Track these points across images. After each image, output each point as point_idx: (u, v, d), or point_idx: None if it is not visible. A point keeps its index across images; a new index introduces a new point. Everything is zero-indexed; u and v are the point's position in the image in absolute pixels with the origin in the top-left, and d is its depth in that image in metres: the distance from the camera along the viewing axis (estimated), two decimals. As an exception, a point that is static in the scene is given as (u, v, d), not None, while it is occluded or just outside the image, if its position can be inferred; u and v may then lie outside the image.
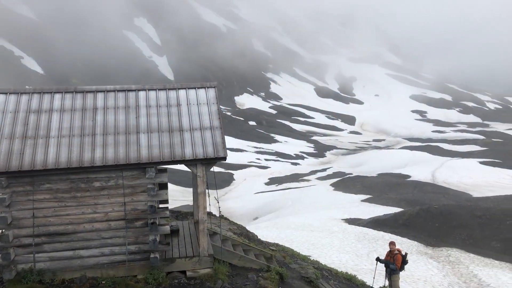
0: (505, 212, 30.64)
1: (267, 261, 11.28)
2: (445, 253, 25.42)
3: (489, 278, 20.82)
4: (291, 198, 47.92)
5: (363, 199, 43.21)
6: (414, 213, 32.00)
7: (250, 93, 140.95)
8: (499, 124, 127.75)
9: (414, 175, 56.24)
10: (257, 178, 65.92)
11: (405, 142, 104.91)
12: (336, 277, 12.99)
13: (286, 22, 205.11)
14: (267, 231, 28.88)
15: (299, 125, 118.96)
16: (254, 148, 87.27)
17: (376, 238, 27.23)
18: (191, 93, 10.95)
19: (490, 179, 53.93)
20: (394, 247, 12.55)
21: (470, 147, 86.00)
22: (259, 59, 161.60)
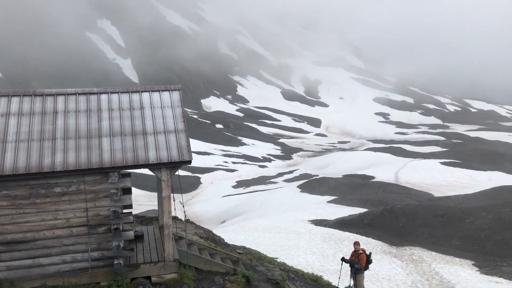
0: (465, 211, 31.73)
1: (233, 264, 11.25)
2: (409, 252, 26.06)
3: (450, 275, 21.47)
4: (258, 200, 48.01)
5: (329, 200, 43.77)
6: (378, 213, 32.68)
7: (217, 96, 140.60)
8: (458, 126, 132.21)
9: (378, 176, 57.37)
10: (224, 181, 65.75)
11: (369, 143, 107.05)
12: (302, 278, 13.09)
13: (251, 25, 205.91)
14: (235, 234, 28.82)
15: (266, 127, 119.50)
16: (221, 151, 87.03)
17: (342, 238, 27.64)
18: (155, 96, 10.81)
19: (450, 179, 55.63)
20: (359, 247, 12.77)
21: (432, 148, 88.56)
22: (225, 62, 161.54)
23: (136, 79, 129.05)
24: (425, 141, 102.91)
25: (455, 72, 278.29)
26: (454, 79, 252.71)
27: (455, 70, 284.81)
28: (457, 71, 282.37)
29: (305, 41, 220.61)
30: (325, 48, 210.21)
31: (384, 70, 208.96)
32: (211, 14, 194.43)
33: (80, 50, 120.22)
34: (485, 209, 31.10)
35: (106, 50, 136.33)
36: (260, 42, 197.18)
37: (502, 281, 21.02)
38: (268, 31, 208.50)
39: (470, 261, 24.71)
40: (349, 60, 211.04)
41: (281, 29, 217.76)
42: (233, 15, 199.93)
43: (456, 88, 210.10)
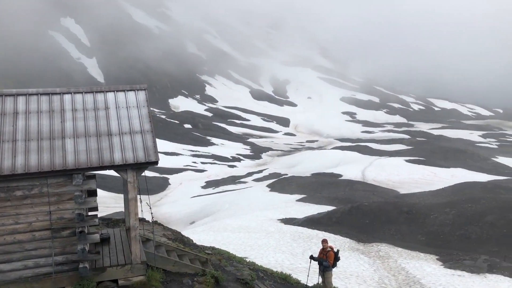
0: (429, 207, 32.61)
1: (202, 265, 11.19)
2: (376, 249, 26.57)
3: (416, 270, 22.02)
4: (228, 200, 47.93)
5: (298, 199, 44.14)
6: (346, 211, 33.20)
7: (185, 95, 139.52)
8: (422, 124, 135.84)
9: (345, 174, 58.30)
10: (193, 181, 65.33)
11: (336, 142, 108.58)
12: (271, 277, 13.15)
13: (219, 24, 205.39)
14: (204, 234, 28.67)
15: (235, 127, 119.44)
16: (190, 151, 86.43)
17: (311, 236, 27.91)
18: (120, 96, 10.61)
19: (415, 176, 57.13)
20: (327, 244, 12.92)
21: (397, 146, 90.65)
22: (193, 62, 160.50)
23: (101, 79, 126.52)
24: (390, 140, 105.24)
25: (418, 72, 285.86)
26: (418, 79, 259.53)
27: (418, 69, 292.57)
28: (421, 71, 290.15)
29: (273, 41, 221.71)
30: (293, 48, 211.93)
31: (350, 70, 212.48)
32: (178, 13, 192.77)
33: (42, 49, 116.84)
34: (448, 205, 32.06)
35: (70, 49, 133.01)
36: (228, 42, 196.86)
37: (464, 274, 21.73)
38: (236, 31, 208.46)
39: (435, 255, 25.41)
40: (317, 60, 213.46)
41: (248, 28, 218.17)
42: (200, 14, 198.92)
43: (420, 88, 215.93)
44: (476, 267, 22.58)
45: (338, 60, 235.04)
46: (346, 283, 18.86)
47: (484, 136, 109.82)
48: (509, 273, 21.99)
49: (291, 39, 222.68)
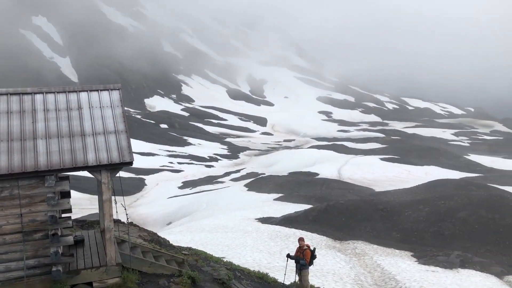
0: (404, 205, 33.20)
1: (178, 266, 11.12)
2: (352, 246, 26.89)
3: (391, 267, 22.39)
4: (205, 200, 47.74)
5: (276, 198, 44.30)
6: (323, 209, 33.49)
7: (161, 95, 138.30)
8: (396, 123, 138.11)
9: (322, 172, 58.81)
10: (170, 182, 64.82)
11: (313, 141, 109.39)
12: (248, 276, 13.17)
13: (195, 23, 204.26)
14: (181, 235, 28.49)
15: (212, 127, 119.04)
16: (167, 151, 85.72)
17: (288, 235, 28.05)
18: (93, 96, 10.44)
19: (390, 174, 58.07)
20: (303, 243, 13.01)
21: (372, 145, 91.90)
22: (170, 61, 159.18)
23: (75, 78, 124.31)
24: (365, 138, 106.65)
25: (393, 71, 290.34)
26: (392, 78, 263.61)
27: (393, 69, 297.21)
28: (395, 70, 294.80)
29: (249, 41, 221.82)
30: (269, 47, 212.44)
31: (325, 70, 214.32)
32: (153, 12, 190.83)
33: (13, 48, 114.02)
34: (422, 202, 32.69)
35: (43, 48, 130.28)
36: (204, 41, 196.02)
37: (438, 269, 22.20)
38: (212, 30, 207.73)
39: (409, 252, 25.88)
40: (293, 60, 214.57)
41: (224, 28, 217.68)
42: (176, 13, 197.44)
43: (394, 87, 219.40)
44: (449, 263, 23.10)
45: (314, 59, 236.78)
46: (323, 281, 19.03)
47: (456, 135, 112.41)
48: (480, 267, 22.59)
49: (267, 38, 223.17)
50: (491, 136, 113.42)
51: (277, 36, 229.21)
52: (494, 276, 21.61)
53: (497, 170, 62.40)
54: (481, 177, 54.14)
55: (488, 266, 22.77)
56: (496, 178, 52.20)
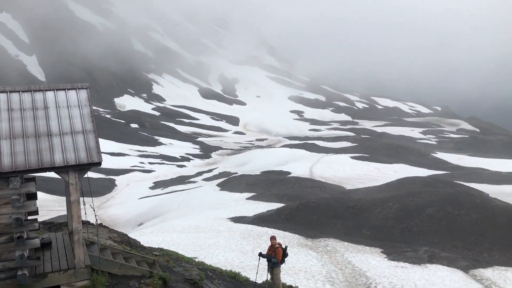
0: (374, 202, 33.80)
1: (149, 267, 11.00)
2: (323, 244, 27.19)
3: (361, 263, 22.76)
4: (177, 201, 47.35)
5: (248, 197, 44.34)
6: (295, 208, 33.75)
7: (131, 94, 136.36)
8: (366, 122, 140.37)
9: (294, 171, 59.24)
10: (141, 182, 64.01)
11: (285, 140, 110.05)
12: (220, 276, 13.15)
13: (165, 22, 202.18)
14: (153, 236, 28.18)
15: (184, 126, 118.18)
16: (137, 151, 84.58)
17: (261, 234, 28.14)
18: (60, 95, 10.20)
19: (360, 172, 59.01)
20: (275, 241, 13.08)
21: (343, 144, 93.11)
22: (140, 60, 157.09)
23: (42, 77, 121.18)
24: (336, 137, 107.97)
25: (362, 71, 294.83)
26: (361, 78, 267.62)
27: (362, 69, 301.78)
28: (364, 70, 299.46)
29: (220, 39, 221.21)
30: (241, 46, 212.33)
31: (296, 69, 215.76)
32: (122, 9, 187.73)
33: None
34: (391, 199, 33.37)
35: (7, 45, 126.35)
36: (175, 39, 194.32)
37: (407, 265, 22.70)
38: (183, 28, 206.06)
39: (379, 248, 26.37)
40: (264, 59, 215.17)
41: (195, 26, 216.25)
42: (146, 11, 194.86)
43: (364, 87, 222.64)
44: (417, 258, 23.66)
45: (285, 59, 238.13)
46: (295, 279, 19.17)
47: (424, 133, 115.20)
48: (447, 262, 23.22)
49: (238, 37, 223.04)
50: (457, 134, 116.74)
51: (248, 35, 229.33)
52: (460, 270, 22.25)
53: (463, 168, 64.28)
54: (447, 174, 55.65)
55: (454, 261, 23.42)
56: (462, 175, 53.76)
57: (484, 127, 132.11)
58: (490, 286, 20.09)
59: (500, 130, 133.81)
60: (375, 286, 19.31)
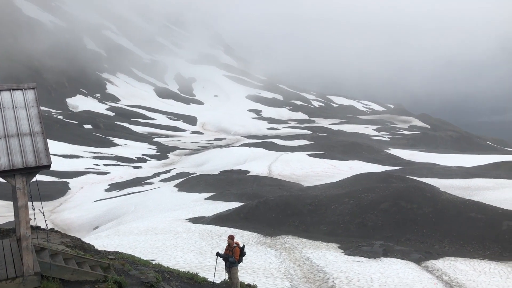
0: (330, 198, 34.43)
1: (104, 271, 10.71)
2: (282, 241, 27.44)
3: (319, 259, 23.13)
4: (134, 203, 46.44)
5: (207, 197, 44.12)
6: (253, 206, 33.88)
7: (84, 94, 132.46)
8: (323, 120, 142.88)
9: (253, 170, 59.45)
10: (96, 185, 62.31)
11: (243, 139, 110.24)
12: (178, 277, 12.99)
13: (118, 20, 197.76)
14: (109, 239, 27.52)
15: (140, 127, 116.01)
16: (91, 153, 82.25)
17: (220, 234, 28.06)
18: (5, 96, 9.74)
19: (317, 169, 59.97)
20: (232, 241, 13.08)
21: (300, 142, 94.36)
22: (93, 59, 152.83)
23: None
24: (294, 135, 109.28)
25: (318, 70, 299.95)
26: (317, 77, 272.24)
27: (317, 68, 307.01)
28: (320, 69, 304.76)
29: (176, 38, 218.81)
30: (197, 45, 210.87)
31: (253, 68, 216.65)
32: (73, 7, 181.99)
33: None
34: (347, 195, 34.11)
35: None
36: (129, 38, 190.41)
37: (362, 259, 23.27)
38: (137, 27, 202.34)
39: (336, 244, 26.89)
40: (221, 58, 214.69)
41: (149, 24, 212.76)
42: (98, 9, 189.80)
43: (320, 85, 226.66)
44: (373, 252, 24.30)
45: (242, 58, 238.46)
46: (254, 277, 19.24)
47: (377, 130, 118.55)
48: (401, 255, 23.98)
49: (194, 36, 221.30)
50: (409, 131, 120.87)
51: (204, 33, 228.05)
52: (413, 262, 23.04)
53: (415, 163, 66.61)
54: (400, 170, 57.49)
55: (408, 254, 24.22)
56: (414, 170, 55.68)
57: (435, 123, 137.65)
58: (441, 276, 20.91)
59: (449, 126, 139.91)
60: (333, 281, 19.68)
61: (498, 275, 21.39)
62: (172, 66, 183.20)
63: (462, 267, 22.36)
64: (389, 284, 19.21)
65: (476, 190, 42.25)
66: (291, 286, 18.85)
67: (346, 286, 18.95)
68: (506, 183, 44.38)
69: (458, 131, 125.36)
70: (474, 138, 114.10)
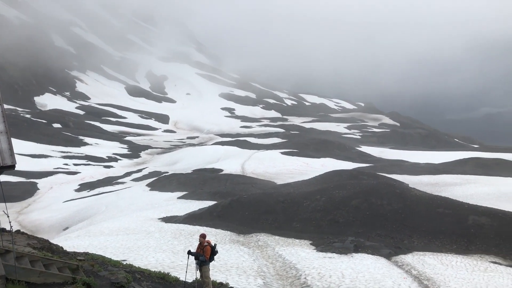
0: (303, 195, 34.70)
1: (72, 272, 10.52)
2: (255, 239, 27.54)
3: (291, 256, 23.31)
4: (105, 203, 45.71)
5: (180, 196, 43.83)
6: (227, 205, 33.85)
7: (53, 93, 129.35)
8: (295, 118, 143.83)
9: (226, 168, 59.37)
10: (66, 185, 61.02)
11: (217, 138, 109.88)
12: (149, 277, 12.88)
13: (88, 17, 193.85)
14: (79, 240, 27.01)
15: (111, 125, 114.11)
16: (61, 152, 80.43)
17: (192, 233, 27.94)
18: (-34, 94, 9.43)
19: (290, 167, 60.39)
20: (204, 239, 13.05)
21: (273, 140, 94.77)
22: (62, 56, 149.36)
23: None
24: (267, 133, 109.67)
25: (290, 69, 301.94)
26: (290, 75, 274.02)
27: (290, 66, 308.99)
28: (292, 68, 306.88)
29: (147, 36, 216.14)
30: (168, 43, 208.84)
31: (226, 66, 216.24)
32: (41, 3, 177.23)
33: None
34: (319, 192, 34.45)
35: None
36: (99, 35, 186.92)
37: (334, 255, 23.58)
38: (107, 24, 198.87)
39: (308, 241, 27.15)
40: (194, 56, 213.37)
41: (119, 21, 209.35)
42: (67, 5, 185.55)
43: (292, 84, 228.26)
44: (344, 248, 24.66)
45: (214, 56, 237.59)
46: (226, 276, 19.25)
47: (349, 128, 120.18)
48: (371, 251, 24.42)
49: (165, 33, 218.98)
50: (379, 128, 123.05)
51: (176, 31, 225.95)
52: (383, 258, 23.49)
53: (385, 160, 67.90)
54: (371, 167, 58.49)
55: (378, 249, 24.68)
56: (384, 167, 56.74)
57: (404, 121, 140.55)
58: (410, 271, 21.40)
59: (418, 124, 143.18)
60: (305, 277, 19.88)
61: (464, 268, 22.05)
62: (143, 64, 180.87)
63: (430, 261, 22.94)
64: (360, 280, 19.53)
65: (444, 186, 43.41)
66: (264, 283, 18.94)
67: (318, 283, 19.17)
68: (472, 179, 45.76)
69: (426, 128, 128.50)
70: (442, 135, 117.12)
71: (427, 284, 19.56)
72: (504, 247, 25.20)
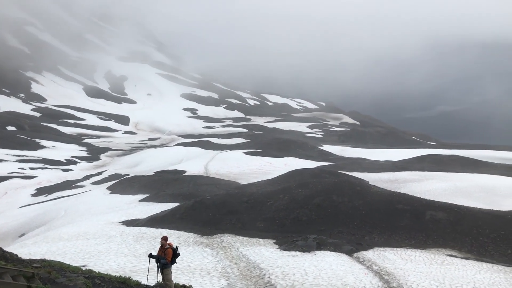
0: (266, 195, 34.87)
1: (28, 280, 10.14)
2: (219, 240, 27.44)
3: (255, 256, 23.37)
4: (63, 207, 44.37)
5: (141, 199, 43.10)
6: (190, 206, 33.55)
7: (7, 94, 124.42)
8: (258, 118, 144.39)
9: (189, 169, 58.87)
10: (21, 190, 58.82)
11: (179, 139, 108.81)
12: (109, 282, 12.58)
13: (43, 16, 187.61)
14: (36, 247, 26.07)
15: (69, 127, 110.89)
16: (16, 156, 77.43)
17: (155, 235, 27.51)
18: None
19: (254, 167, 60.56)
20: (166, 241, 12.87)
21: (236, 140, 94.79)
22: (15, 56, 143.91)
23: None
24: (230, 134, 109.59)
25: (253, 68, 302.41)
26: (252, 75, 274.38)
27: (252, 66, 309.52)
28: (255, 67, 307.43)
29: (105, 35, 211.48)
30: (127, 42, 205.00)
31: (187, 66, 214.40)
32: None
33: None
34: (282, 191, 34.70)
35: None
36: (54, 35, 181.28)
37: (297, 254, 23.82)
38: (63, 23, 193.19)
39: (272, 240, 27.30)
40: (154, 56, 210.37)
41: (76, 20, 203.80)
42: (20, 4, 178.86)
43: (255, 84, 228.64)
44: (307, 246, 24.94)
45: (174, 55, 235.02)
46: (190, 278, 19.08)
47: (311, 127, 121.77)
48: (334, 248, 24.82)
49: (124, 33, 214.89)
50: (340, 127, 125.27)
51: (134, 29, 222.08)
52: (345, 254, 23.92)
53: (346, 158, 69.17)
54: (332, 165, 59.44)
55: (340, 246, 25.11)
56: (345, 165, 57.79)
57: (364, 120, 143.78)
58: (371, 266, 21.89)
59: (378, 122, 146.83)
60: (269, 276, 19.96)
61: (423, 262, 22.75)
62: (101, 64, 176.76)
63: (391, 256, 23.54)
64: (323, 277, 19.79)
65: (403, 182, 44.66)
66: (227, 284, 18.89)
67: (281, 281, 19.29)
68: (429, 175, 47.29)
69: (386, 127, 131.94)
70: (400, 133, 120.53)
71: (388, 279, 20.05)
72: (460, 241, 26.20)
